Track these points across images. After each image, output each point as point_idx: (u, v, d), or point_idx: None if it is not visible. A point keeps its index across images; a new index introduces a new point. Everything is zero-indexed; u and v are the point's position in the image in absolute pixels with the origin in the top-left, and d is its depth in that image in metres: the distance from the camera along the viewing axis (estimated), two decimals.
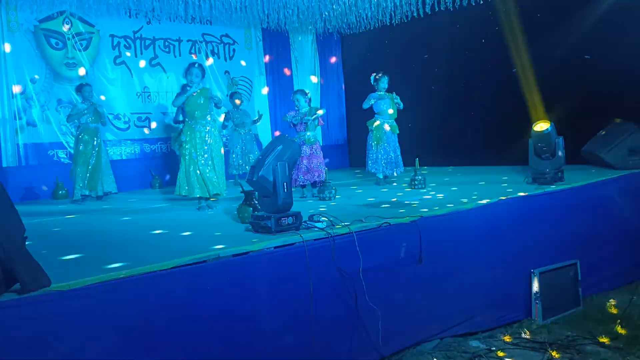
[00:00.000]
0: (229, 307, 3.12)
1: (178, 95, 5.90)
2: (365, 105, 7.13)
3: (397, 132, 7.14)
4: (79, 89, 7.26)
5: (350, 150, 11.09)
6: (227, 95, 8.93)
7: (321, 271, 3.50)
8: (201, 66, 5.84)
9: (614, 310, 4.75)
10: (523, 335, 4.32)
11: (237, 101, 8.50)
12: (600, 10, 7.18)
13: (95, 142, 7.10)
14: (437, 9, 7.82)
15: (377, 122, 7.09)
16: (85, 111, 7.04)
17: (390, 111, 7.09)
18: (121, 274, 2.84)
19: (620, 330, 4.28)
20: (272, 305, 3.32)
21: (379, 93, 7.11)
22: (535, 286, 4.66)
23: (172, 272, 3.00)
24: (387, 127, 7.07)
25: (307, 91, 6.55)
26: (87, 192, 7.01)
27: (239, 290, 3.18)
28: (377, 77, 7.12)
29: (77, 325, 2.62)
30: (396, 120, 7.17)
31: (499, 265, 4.59)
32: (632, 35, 6.92)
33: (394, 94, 7.06)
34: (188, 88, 5.72)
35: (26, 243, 2.66)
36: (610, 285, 5.31)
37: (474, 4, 7.78)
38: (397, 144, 7.14)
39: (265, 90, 10.20)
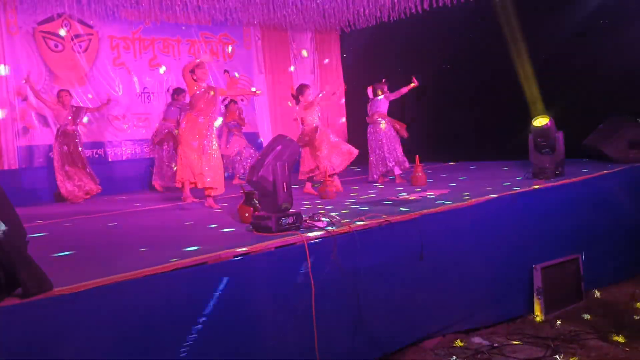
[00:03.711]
0: (230, 307, 3.12)
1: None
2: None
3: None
4: (58, 95, 7.33)
5: None
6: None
7: (322, 270, 3.50)
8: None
9: (616, 304, 4.74)
10: (525, 330, 4.33)
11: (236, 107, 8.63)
12: (599, 2, 7.16)
13: (77, 143, 7.32)
14: (434, 6, 7.82)
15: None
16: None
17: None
18: (122, 276, 2.85)
19: (623, 324, 4.28)
20: (273, 305, 3.33)
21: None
22: (537, 281, 4.65)
23: (173, 274, 3.00)
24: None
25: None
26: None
27: (240, 291, 3.18)
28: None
29: (79, 329, 2.63)
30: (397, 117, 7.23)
31: (500, 261, 4.59)
32: (631, 28, 6.90)
33: None
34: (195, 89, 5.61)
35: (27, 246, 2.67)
36: (612, 280, 5.30)
37: None
38: None
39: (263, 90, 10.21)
